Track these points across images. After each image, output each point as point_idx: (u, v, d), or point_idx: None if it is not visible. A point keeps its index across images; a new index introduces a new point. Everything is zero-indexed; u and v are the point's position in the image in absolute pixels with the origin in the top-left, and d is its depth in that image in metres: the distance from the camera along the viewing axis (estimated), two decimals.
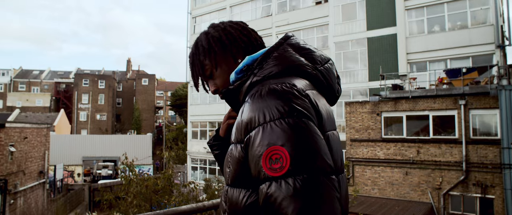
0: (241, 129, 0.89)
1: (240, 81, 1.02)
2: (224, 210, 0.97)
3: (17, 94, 54.68)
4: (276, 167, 0.78)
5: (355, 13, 20.31)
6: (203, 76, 1.16)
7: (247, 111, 0.88)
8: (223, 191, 1.01)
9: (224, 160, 1.03)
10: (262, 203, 0.80)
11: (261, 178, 0.81)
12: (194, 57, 1.16)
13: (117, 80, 60.57)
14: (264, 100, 0.85)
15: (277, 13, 24.05)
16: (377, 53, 19.20)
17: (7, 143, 15.57)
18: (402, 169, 14.53)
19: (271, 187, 0.78)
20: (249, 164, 0.86)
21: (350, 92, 20.14)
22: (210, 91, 1.18)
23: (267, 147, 0.80)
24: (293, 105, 0.83)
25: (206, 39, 1.14)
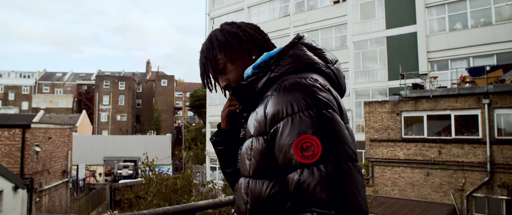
0: (266, 121, 0.94)
1: (255, 77, 1.06)
2: (245, 202, 0.99)
3: (42, 96, 56.33)
4: (308, 155, 0.82)
5: (374, 12, 20.05)
6: (214, 71, 1.18)
7: (273, 103, 0.92)
8: (241, 184, 1.03)
9: (241, 153, 1.05)
10: (294, 189, 0.84)
11: (292, 166, 0.85)
12: (208, 51, 1.18)
13: (137, 81, 61.60)
14: (290, 93, 0.90)
15: (295, 13, 23.98)
16: (396, 52, 18.89)
17: (33, 143, 16.06)
18: (423, 169, 14.24)
19: (304, 174, 0.82)
20: (276, 154, 0.90)
21: (369, 92, 19.89)
22: (221, 86, 1.19)
23: (297, 136, 0.85)
24: (319, 97, 0.89)
25: (222, 34, 1.17)
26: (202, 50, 1.21)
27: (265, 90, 1.02)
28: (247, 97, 1.10)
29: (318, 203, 0.79)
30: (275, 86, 0.96)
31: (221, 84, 1.19)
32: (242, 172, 1.04)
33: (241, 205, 1.00)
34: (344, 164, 0.82)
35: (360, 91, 20.25)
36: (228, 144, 1.24)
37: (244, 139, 1.09)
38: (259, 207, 0.95)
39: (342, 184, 0.80)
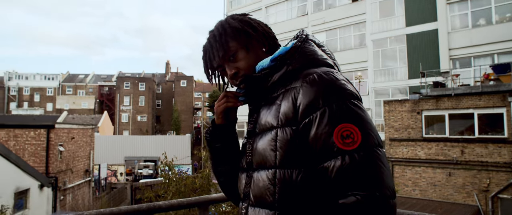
0: (297, 112, 0.97)
1: (268, 70, 1.08)
2: (272, 192, 0.99)
3: (65, 98, 57.89)
4: (349, 142, 0.88)
5: (393, 9, 19.72)
6: (223, 57, 1.14)
7: (306, 95, 0.95)
8: (261, 176, 1.03)
9: (258, 146, 1.05)
10: (336, 174, 0.89)
11: (333, 152, 0.89)
12: (219, 37, 1.13)
13: (157, 82, 62.51)
14: (321, 85, 0.95)
15: (313, 12, 23.84)
16: (417, 50, 18.53)
17: (57, 142, 16.53)
18: (445, 169, 13.92)
19: (346, 159, 0.88)
20: (311, 142, 0.93)
21: (389, 91, 19.58)
22: (228, 74, 1.16)
23: (338, 124, 0.90)
24: (348, 89, 0.96)
25: (237, 22, 1.15)
26: (213, 36, 1.16)
27: (282, 83, 1.06)
28: (256, 89, 1.12)
29: (361, 186, 0.86)
30: (300, 80, 0.99)
31: (228, 71, 1.15)
32: (261, 164, 1.04)
33: (267, 196, 1.00)
34: (377, 149, 0.90)
35: (379, 90, 19.96)
36: (224, 140, 1.23)
37: (253, 132, 1.11)
38: (290, 195, 0.97)
39: (379, 168, 0.87)
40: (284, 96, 1.02)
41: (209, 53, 1.16)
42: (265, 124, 1.05)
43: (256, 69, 1.12)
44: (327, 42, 22.81)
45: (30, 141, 16.01)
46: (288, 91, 1.01)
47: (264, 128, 1.05)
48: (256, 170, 1.06)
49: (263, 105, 1.11)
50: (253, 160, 1.08)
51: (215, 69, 1.19)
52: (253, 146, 1.09)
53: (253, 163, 1.08)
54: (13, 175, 12.68)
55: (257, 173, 1.06)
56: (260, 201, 1.03)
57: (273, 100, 1.07)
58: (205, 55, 1.18)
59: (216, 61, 1.15)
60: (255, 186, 1.05)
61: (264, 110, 1.10)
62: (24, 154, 15.65)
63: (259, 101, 1.14)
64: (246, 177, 1.11)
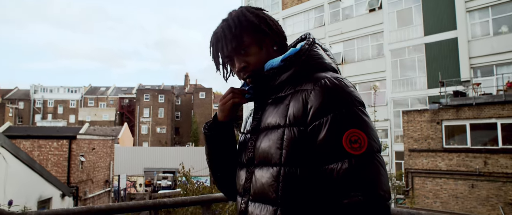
0: (307, 114, 1.00)
1: (276, 70, 1.11)
2: (275, 189, 1.02)
3: (87, 110, 59.35)
4: (356, 146, 0.93)
5: (411, 19, 19.54)
6: (234, 50, 1.14)
7: (317, 98, 0.99)
8: (264, 172, 1.06)
9: (263, 144, 1.08)
10: (341, 176, 0.93)
11: (340, 155, 0.94)
12: (235, 29, 1.12)
13: (176, 94, 63.39)
14: (332, 90, 0.99)
15: (330, 23, 23.86)
16: (436, 59, 18.23)
17: (78, 153, 16.93)
18: (467, 181, 13.50)
19: (353, 163, 0.92)
20: (319, 144, 0.97)
21: (408, 101, 19.27)
22: (236, 67, 1.16)
23: (347, 129, 0.94)
24: (357, 95, 1.01)
25: (254, 16, 1.15)
26: (227, 26, 1.14)
27: (290, 83, 1.10)
28: (264, 87, 1.15)
29: (365, 188, 0.91)
30: (311, 83, 1.03)
31: (237, 64, 1.15)
32: (265, 161, 1.06)
33: (270, 192, 1.03)
34: (378, 155, 0.96)
35: (398, 100, 19.67)
36: (224, 137, 1.24)
37: (257, 129, 1.13)
38: (293, 193, 1.00)
39: (380, 172, 0.93)
40: (293, 97, 1.05)
41: (221, 42, 1.14)
42: (271, 122, 1.08)
43: (265, 67, 1.14)
44: (345, 52, 22.74)
45: (53, 151, 16.46)
46: (298, 93, 1.04)
47: (270, 126, 1.08)
48: (258, 166, 1.09)
49: (269, 103, 1.13)
50: (256, 156, 1.10)
51: (223, 58, 1.19)
52: (256, 143, 1.11)
53: (255, 159, 1.10)
54: (37, 184, 13.04)
55: (259, 169, 1.08)
56: (262, 196, 1.05)
57: (280, 100, 1.10)
58: (217, 43, 1.16)
59: (226, 51, 1.14)
60: (257, 182, 1.07)
61: (270, 108, 1.12)
62: (47, 164, 16.09)
63: (265, 99, 1.16)
64: (247, 173, 1.13)
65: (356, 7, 22.53)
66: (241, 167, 1.18)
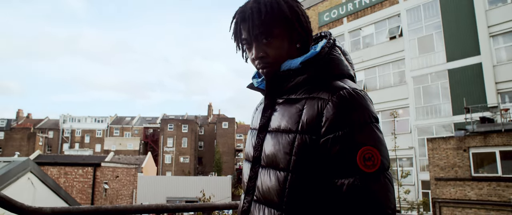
0: (322, 124, 0.97)
1: (293, 71, 1.07)
2: (279, 193, 1.00)
3: (112, 139, 60.75)
4: (369, 164, 0.92)
5: (433, 45, 19.38)
6: (256, 36, 1.08)
7: (334, 110, 0.96)
8: (270, 175, 1.04)
9: (273, 145, 1.05)
10: (351, 192, 0.92)
11: (352, 171, 0.92)
12: (265, 15, 1.05)
13: (199, 124, 64.13)
14: (351, 103, 0.96)
15: (351, 51, 23.93)
16: (460, 85, 17.85)
17: (102, 180, 17.26)
18: (500, 212, 12.81)
19: (364, 181, 0.91)
20: (332, 156, 0.95)
21: (433, 128, 18.77)
22: (254, 54, 1.10)
23: (361, 146, 0.93)
24: (373, 111, 0.99)
25: (288, 9, 1.08)
26: (257, 9, 1.06)
27: (305, 87, 1.06)
28: (276, 85, 1.11)
29: (374, 208, 0.91)
30: (328, 92, 0.99)
31: (255, 51, 1.09)
32: (272, 163, 1.05)
33: (275, 197, 1.01)
34: (388, 173, 0.96)
35: (422, 128, 19.21)
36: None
37: (265, 128, 1.12)
38: (299, 201, 0.98)
39: (389, 191, 0.93)
40: (307, 103, 1.02)
41: (247, 24, 1.07)
42: (282, 125, 1.05)
43: (283, 66, 1.09)
44: (366, 80, 22.63)
45: (78, 178, 16.86)
46: (313, 100, 1.00)
47: (280, 129, 1.05)
48: (264, 167, 1.07)
49: (280, 103, 1.10)
50: (262, 156, 1.09)
51: (242, 40, 1.12)
52: (264, 143, 1.10)
53: (262, 159, 1.09)
54: None
55: (265, 170, 1.07)
56: (266, 199, 1.04)
57: (292, 102, 1.06)
58: (242, 22, 1.09)
59: (247, 34, 1.09)
60: (263, 184, 1.06)
61: (281, 109, 1.09)
62: (72, 190, 16.45)
63: (275, 97, 1.13)
64: (251, 171, 1.12)
65: (377, 35, 22.61)
66: (247, 162, 1.18)
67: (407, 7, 20.73)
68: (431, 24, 19.59)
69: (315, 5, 27.22)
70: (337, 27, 25.13)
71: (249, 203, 1.10)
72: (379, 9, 22.50)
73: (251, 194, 1.10)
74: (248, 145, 1.21)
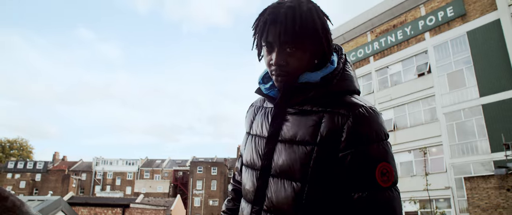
0: (340, 138, 0.99)
1: (311, 84, 1.08)
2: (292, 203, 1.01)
3: (142, 182, 61.38)
4: (385, 179, 0.98)
5: (464, 80, 18.86)
6: (282, 44, 1.06)
7: (355, 126, 0.98)
8: (289, 187, 1.03)
9: (290, 155, 1.04)
10: (368, 205, 0.97)
11: (370, 185, 0.97)
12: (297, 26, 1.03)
13: (228, 167, 63.90)
14: (369, 121, 1.00)
15: (379, 90, 23.69)
16: (496, 120, 17.05)
17: None
18: None
19: (382, 194, 0.97)
20: (350, 171, 0.99)
21: (470, 167, 17.78)
22: (275, 60, 1.07)
23: (379, 162, 0.98)
24: (385, 129, 1.04)
25: (321, 25, 1.07)
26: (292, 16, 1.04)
27: (318, 100, 1.07)
28: (290, 96, 1.10)
29: None
30: (347, 108, 1.01)
31: (276, 58, 1.06)
32: (287, 174, 1.04)
33: (289, 207, 1.02)
34: (397, 188, 1.02)
35: (459, 166, 18.25)
36: None
37: (275, 137, 1.10)
38: (315, 211, 1.00)
39: (400, 204, 1.00)
40: (326, 116, 1.02)
41: (277, 27, 1.04)
42: (297, 136, 1.05)
43: (301, 78, 1.08)
44: (396, 119, 22.13)
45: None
46: (333, 114, 1.01)
47: (295, 139, 1.05)
48: (276, 177, 1.06)
49: (292, 113, 1.09)
50: (274, 166, 1.08)
51: (265, 40, 1.09)
52: (274, 153, 1.08)
53: (272, 169, 1.08)
54: None
55: (278, 180, 1.06)
56: (279, 209, 1.04)
57: (307, 114, 1.06)
58: (272, 23, 1.05)
59: (274, 38, 1.06)
60: (276, 194, 1.05)
61: (293, 119, 1.08)
62: None
63: (285, 107, 1.12)
64: (259, 180, 1.10)
65: (404, 73, 22.35)
66: (251, 170, 1.16)
67: (434, 43, 20.55)
68: (461, 59, 19.21)
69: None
70: (364, 66, 25.11)
71: (258, 212, 1.09)
72: (405, 47, 22.42)
73: (259, 203, 1.09)
74: (249, 151, 1.19)
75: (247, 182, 1.16)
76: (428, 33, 21.12)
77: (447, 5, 20.29)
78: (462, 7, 19.49)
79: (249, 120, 1.27)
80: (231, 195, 1.39)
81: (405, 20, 22.82)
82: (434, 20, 20.81)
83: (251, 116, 1.27)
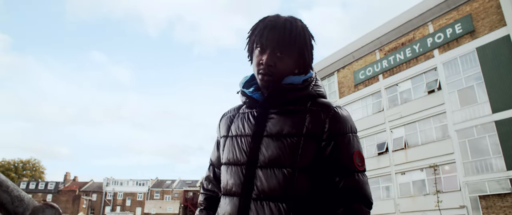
0: (325, 131, 1.17)
1: (294, 86, 1.24)
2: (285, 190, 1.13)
3: (152, 202, 61.11)
4: (360, 164, 1.17)
5: (475, 97, 18.59)
6: (276, 47, 1.20)
7: (335, 121, 1.18)
8: (279, 174, 1.14)
9: (279, 147, 1.16)
10: (348, 186, 1.14)
11: (350, 170, 1.15)
12: (293, 36, 1.21)
13: None
14: (346, 117, 1.21)
15: (389, 108, 23.49)
16: (511, 136, 16.66)
17: None
18: None
19: (359, 177, 1.15)
20: (332, 158, 1.16)
21: (486, 185, 17.28)
22: (264, 60, 1.20)
23: (355, 149, 1.17)
24: (355, 126, 1.25)
25: (309, 41, 1.27)
26: (290, 26, 1.22)
27: (299, 101, 1.23)
28: (274, 97, 1.23)
29: (365, 197, 1.13)
30: (326, 106, 1.21)
31: (267, 58, 1.21)
32: (276, 163, 1.15)
33: (280, 192, 1.13)
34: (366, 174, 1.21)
35: (473, 185, 17.75)
36: None
37: (259, 134, 1.21)
38: (304, 194, 1.14)
39: (369, 186, 1.18)
40: (309, 113, 1.19)
41: (276, 32, 1.20)
42: (284, 129, 1.18)
43: (285, 80, 1.23)
44: (407, 136, 21.83)
45: None
46: (315, 112, 1.19)
47: (282, 133, 1.17)
48: (265, 167, 1.16)
49: (275, 113, 1.22)
50: (261, 158, 1.18)
51: (260, 43, 1.23)
52: (261, 146, 1.19)
53: (259, 161, 1.18)
54: None
55: (267, 170, 1.16)
56: (270, 195, 1.13)
57: (292, 113, 1.20)
58: (271, 29, 1.21)
59: (269, 41, 1.21)
60: (266, 182, 1.15)
61: (278, 117, 1.21)
62: None
63: (268, 108, 1.25)
64: (247, 173, 1.19)
65: (414, 90, 22.17)
66: (235, 166, 1.23)
67: (444, 60, 20.44)
68: (471, 75, 19.02)
69: (349, 64, 27.57)
70: (373, 84, 25.03)
71: (246, 202, 1.16)
72: (414, 64, 22.33)
73: (248, 194, 1.16)
74: (231, 150, 1.27)
75: (231, 178, 1.23)
76: (437, 50, 21.05)
77: (455, 22, 20.28)
78: (470, 24, 19.44)
79: (226, 125, 1.36)
80: (203, 204, 1.42)
81: (413, 37, 22.83)
82: (443, 37, 20.76)
83: (227, 122, 1.36)
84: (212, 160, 1.43)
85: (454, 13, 20.68)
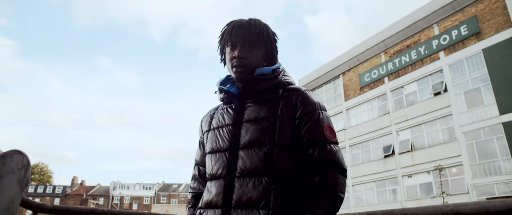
0: (297, 109, 1.30)
1: (264, 76, 1.38)
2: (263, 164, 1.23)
3: (159, 206, 61.23)
4: (332, 136, 1.28)
5: (482, 99, 18.46)
6: (245, 41, 1.36)
7: (306, 101, 1.32)
8: (260, 152, 1.25)
9: (258, 129, 1.28)
10: (323, 155, 1.24)
11: (323, 141, 1.26)
12: (258, 31, 1.38)
13: None
14: (314, 97, 1.34)
15: (395, 110, 23.40)
16: None
17: None
18: None
19: (331, 147, 1.26)
20: (306, 132, 1.27)
21: (494, 188, 17.14)
22: (236, 54, 1.36)
23: (326, 123, 1.30)
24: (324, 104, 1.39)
25: (273, 37, 1.45)
26: (254, 24, 1.39)
27: (270, 89, 1.37)
28: (248, 88, 1.37)
29: (338, 165, 1.23)
30: (294, 90, 1.35)
31: (238, 52, 1.36)
32: (256, 143, 1.26)
33: (261, 168, 1.23)
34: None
35: (481, 187, 17.60)
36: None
37: (239, 122, 1.34)
38: (283, 167, 1.24)
39: (342, 155, 1.29)
40: (282, 98, 1.33)
41: (243, 30, 1.37)
42: (260, 114, 1.31)
43: (256, 71, 1.38)
44: (413, 139, 21.71)
45: None
46: (287, 97, 1.33)
47: (259, 117, 1.30)
48: (246, 148, 1.27)
49: (251, 102, 1.36)
50: (242, 141, 1.29)
51: (230, 41, 1.39)
52: (241, 131, 1.31)
53: (241, 144, 1.29)
54: None
55: (248, 150, 1.27)
56: (252, 172, 1.24)
57: (265, 101, 1.34)
58: (238, 28, 1.38)
59: (238, 38, 1.37)
60: (248, 160, 1.25)
61: (254, 106, 1.35)
62: None
63: (244, 99, 1.38)
64: (230, 155, 1.30)
65: (420, 92, 22.07)
66: (219, 153, 1.35)
67: (449, 62, 20.33)
68: (477, 77, 18.89)
69: (355, 67, 27.52)
70: (379, 87, 24.96)
71: (231, 181, 1.26)
72: (420, 66, 22.24)
73: (231, 174, 1.27)
74: (214, 140, 1.38)
75: (216, 163, 1.33)
76: (442, 52, 20.95)
77: (461, 23, 20.18)
78: (476, 25, 19.34)
79: (207, 122, 1.49)
80: (191, 202, 1.53)
81: (418, 40, 22.74)
82: (448, 39, 20.67)
83: (208, 119, 1.49)
84: (196, 159, 1.54)
85: (459, 15, 20.58)
